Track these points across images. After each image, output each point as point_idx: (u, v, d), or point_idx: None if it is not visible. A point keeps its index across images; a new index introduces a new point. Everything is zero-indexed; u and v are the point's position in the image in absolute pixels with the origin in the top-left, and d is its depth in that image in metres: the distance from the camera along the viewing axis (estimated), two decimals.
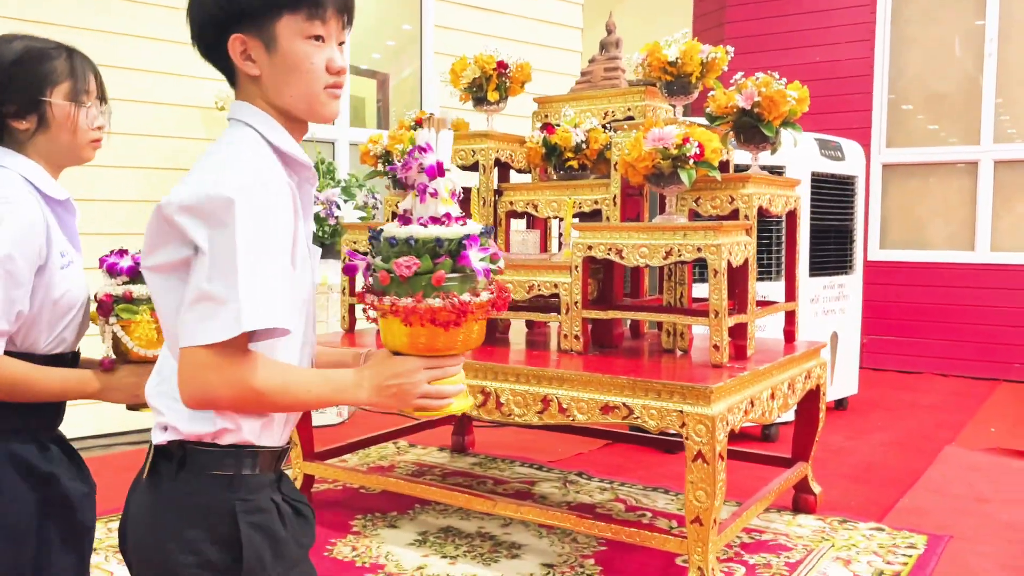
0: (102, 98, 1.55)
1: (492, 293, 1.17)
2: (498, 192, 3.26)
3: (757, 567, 2.67)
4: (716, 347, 2.55)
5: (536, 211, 3.18)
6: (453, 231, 1.14)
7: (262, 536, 1.16)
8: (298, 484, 3.15)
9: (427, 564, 2.68)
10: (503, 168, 3.43)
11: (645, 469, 3.72)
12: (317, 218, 4.36)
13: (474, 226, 1.17)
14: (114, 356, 1.49)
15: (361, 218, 4.46)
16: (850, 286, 4.90)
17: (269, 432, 1.20)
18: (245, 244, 1.06)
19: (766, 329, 4.15)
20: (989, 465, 3.86)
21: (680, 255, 2.58)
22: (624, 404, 2.40)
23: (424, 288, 1.12)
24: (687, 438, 2.31)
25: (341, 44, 1.22)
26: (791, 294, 3.15)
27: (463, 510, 3.12)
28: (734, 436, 3.14)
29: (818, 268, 4.65)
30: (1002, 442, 4.23)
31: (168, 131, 4.33)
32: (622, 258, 2.68)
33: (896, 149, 6.51)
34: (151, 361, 1.47)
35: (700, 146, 2.58)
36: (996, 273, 6.12)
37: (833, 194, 4.72)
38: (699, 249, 2.54)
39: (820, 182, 4.61)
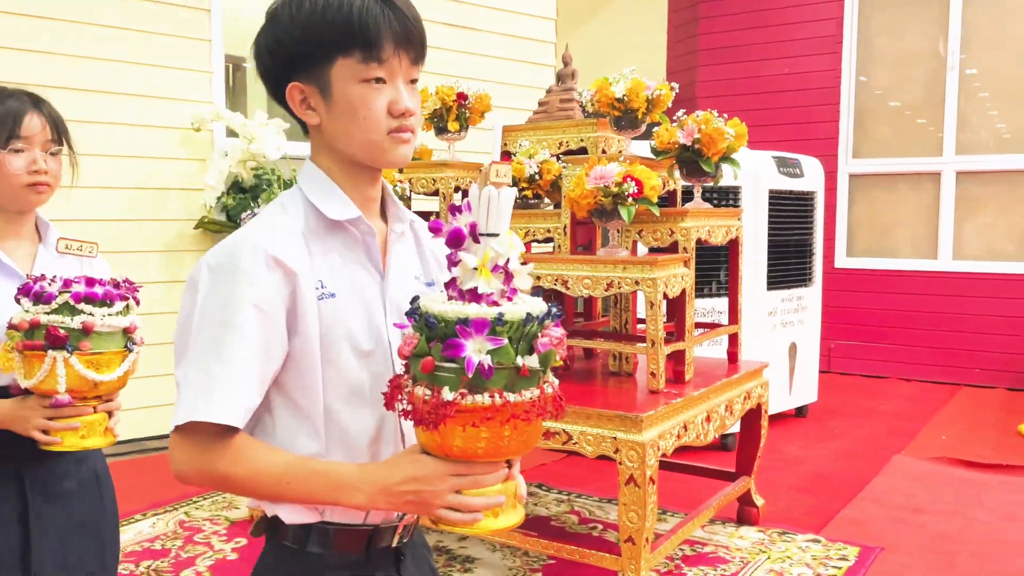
0: (58, 141, 1.64)
1: (527, 395, 0.97)
2: None
3: None
4: (653, 374, 2.71)
5: None
6: (453, 310, 0.97)
7: None
8: None
9: None
10: (465, 195, 3.58)
11: (604, 480, 3.88)
12: None
13: (511, 307, 0.98)
14: (63, 391, 1.50)
15: None
16: (809, 298, 5.07)
17: (334, 508, 1.11)
18: (199, 324, 1.04)
19: (721, 343, 4.33)
20: (932, 475, 4.03)
21: (620, 287, 2.74)
22: (564, 431, 2.57)
23: (423, 377, 0.98)
24: (620, 463, 2.47)
25: (413, 82, 1.13)
26: (734, 317, 3.31)
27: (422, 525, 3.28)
28: (689, 448, 3.31)
29: (777, 282, 4.81)
30: (950, 451, 4.40)
31: (146, 152, 4.46)
32: (568, 288, 2.84)
33: (863, 160, 6.67)
34: (98, 396, 1.55)
35: (639, 184, 2.73)
36: (958, 281, 6.29)
37: (792, 210, 4.88)
38: (637, 282, 2.70)
39: (778, 199, 4.77)
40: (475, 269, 0.99)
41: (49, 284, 1.52)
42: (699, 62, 7.24)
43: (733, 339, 3.30)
